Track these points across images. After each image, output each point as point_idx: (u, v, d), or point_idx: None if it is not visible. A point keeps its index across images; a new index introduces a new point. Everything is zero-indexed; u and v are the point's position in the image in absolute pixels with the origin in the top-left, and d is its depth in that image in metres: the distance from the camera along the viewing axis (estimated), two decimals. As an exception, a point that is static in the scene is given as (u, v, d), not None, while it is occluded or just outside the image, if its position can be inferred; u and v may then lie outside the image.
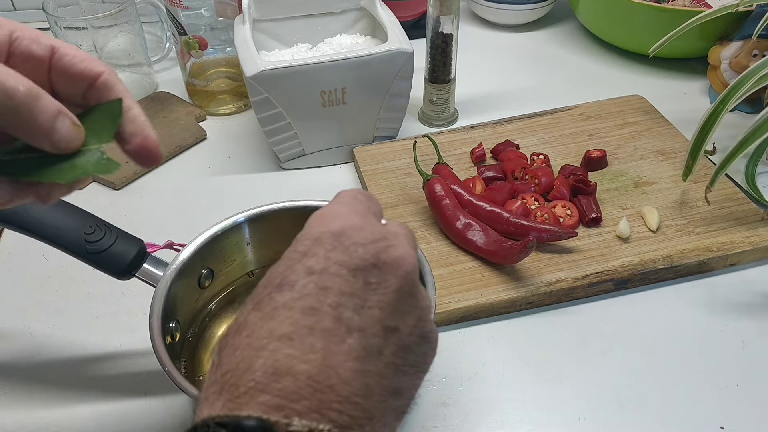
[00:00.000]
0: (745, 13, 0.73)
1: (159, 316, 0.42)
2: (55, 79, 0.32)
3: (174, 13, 0.70)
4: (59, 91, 0.33)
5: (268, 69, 0.60)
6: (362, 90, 0.64)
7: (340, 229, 0.28)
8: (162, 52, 0.83)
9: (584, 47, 0.89)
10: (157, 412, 0.47)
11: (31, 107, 0.29)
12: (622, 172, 0.65)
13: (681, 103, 0.77)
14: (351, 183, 0.67)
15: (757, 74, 0.56)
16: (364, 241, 0.28)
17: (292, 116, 0.64)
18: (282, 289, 0.26)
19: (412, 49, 0.63)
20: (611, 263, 0.55)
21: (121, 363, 0.51)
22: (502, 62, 0.87)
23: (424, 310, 0.29)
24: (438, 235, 0.59)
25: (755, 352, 0.51)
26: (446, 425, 0.46)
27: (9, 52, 0.31)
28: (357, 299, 0.26)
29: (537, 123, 0.72)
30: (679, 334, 0.52)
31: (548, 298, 0.54)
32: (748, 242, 0.57)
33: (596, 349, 0.51)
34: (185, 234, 0.49)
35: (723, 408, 0.47)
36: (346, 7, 0.71)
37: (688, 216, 0.60)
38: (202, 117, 0.76)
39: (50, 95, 0.30)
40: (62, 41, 0.33)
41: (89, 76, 0.32)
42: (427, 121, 0.75)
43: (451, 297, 0.53)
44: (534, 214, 0.59)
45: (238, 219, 0.49)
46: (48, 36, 0.32)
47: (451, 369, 0.50)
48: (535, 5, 0.89)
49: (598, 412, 0.47)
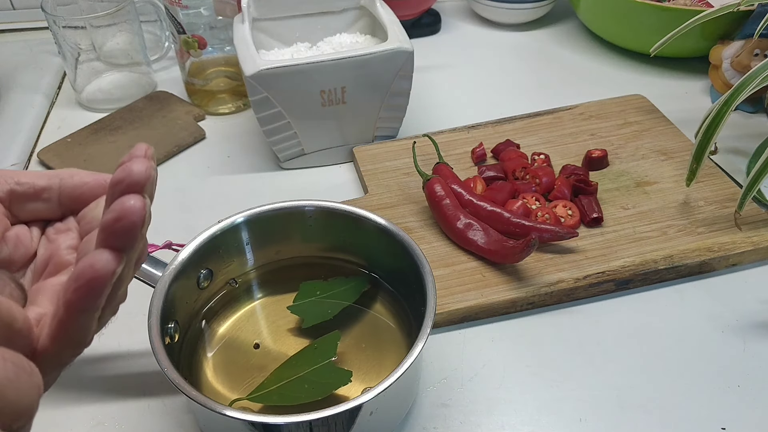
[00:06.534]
0: (747, 13, 0.72)
1: (158, 317, 0.42)
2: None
3: (173, 12, 0.70)
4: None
5: (268, 68, 0.59)
6: (362, 89, 0.64)
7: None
8: (161, 51, 0.83)
9: (585, 46, 0.89)
10: (156, 412, 0.47)
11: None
12: (624, 172, 0.65)
13: (682, 103, 0.77)
14: (351, 183, 0.67)
15: (761, 75, 0.56)
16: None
17: (291, 116, 0.64)
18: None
19: (412, 48, 0.63)
20: (612, 263, 0.55)
21: (119, 364, 0.51)
22: (503, 61, 0.87)
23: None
24: (438, 235, 0.58)
25: (756, 352, 0.51)
26: (446, 426, 0.46)
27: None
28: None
29: (538, 122, 0.72)
30: (681, 334, 0.52)
31: (549, 299, 0.54)
32: (749, 242, 0.57)
33: (597, 350, 0.51)
34: (184, 234, 0.49)
35: (724, 408, 0.47)
36: (346, 6, 0.71)
37: (690, 216, 0.60)
38: (201, 116, 0.76)
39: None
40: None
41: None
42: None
43: (452, 297, 0.53)
44: (535, 214, 0.59)
45: (237, 219, 0.48)
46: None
47: (451, 370, 0.50)
48: (535, 4, 0.89)
49: (599, 413, 0.47)
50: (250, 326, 0.49)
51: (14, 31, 0.93)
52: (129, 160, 0.27)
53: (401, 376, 0.38)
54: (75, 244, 0.33)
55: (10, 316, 0.24)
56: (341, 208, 0.49)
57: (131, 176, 0.26)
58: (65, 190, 0.33)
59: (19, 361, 0.23)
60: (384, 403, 0.40)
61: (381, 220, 0.48)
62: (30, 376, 0.24)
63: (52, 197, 0.33)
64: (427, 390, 0.48)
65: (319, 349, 0.45)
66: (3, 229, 0.32)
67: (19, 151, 0.71)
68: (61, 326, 0.26)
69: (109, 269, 0.25)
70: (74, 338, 0.27)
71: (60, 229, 0.34)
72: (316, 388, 0.43)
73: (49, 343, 0.27)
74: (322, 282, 0.50)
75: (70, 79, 0.78)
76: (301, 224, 0.50)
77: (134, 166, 0.26)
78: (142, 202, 0.26)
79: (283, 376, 0.44)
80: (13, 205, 0.33)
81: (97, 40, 0.75)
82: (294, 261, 0.52)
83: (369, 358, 0.47)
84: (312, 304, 0.49)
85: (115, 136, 0.72)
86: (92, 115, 0.76)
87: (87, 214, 0.33)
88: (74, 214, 0.34)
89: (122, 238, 0.25)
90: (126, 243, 0.26)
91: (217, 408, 0.37)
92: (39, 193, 0.33)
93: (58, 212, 0.34)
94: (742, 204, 0.54)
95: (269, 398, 0.43)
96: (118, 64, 0.79)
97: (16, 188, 0.32)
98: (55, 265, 0.32)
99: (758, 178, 0.53)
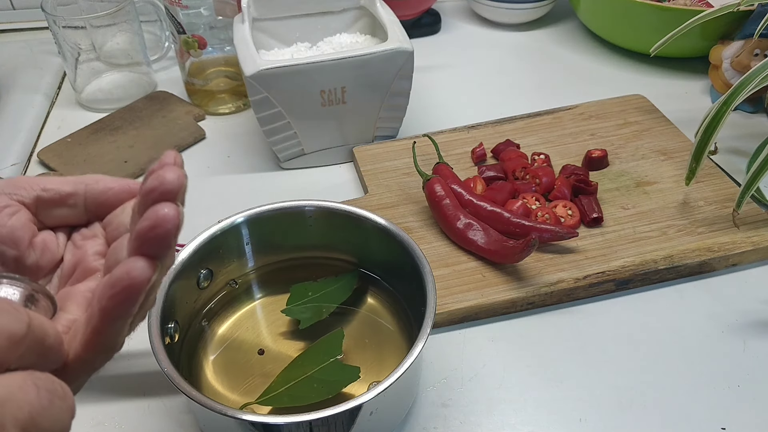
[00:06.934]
0: (747, 13, 0.72)
1: (158, 317, 0.42)
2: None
3: (173, 12, 0.70)
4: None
5: (268, 68, 0.59)
6: (362, 89, 0.64)
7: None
8: (161, 51, 0.83)
9: (585, 46, 0.89)
10: (156, 412, 0.47)
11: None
12: (624, 172, 0.65)
13: (682, 103, 0.77)
14: (351, 182, 0.67)
15: (761, 74, 0.56)
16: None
17: (291, 116, 0.64)
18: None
19: (412, 48, 0.63)
20: (612, 263, 0.55)
21: (120, 364, 0.51)
22: (503, 61, 0.87)
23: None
24: (438, 235, 0.58)
25: (756, 352, 0.51)
26: (446, 426, 0.46)
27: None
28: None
29: (538, 122, 0.72)
30: (681, 334, 0.52)
31: (549, 299, 0.54)
32: (749, 242, 0.57)
33: (597, 350, 0.51)
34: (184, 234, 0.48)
35: (724, 408, 0.47)
36: (346, 6, 0.71)
37: (690, 216, 0.60)
38: (201, 116, 0.76)
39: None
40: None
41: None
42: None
43: (452, 297, 0.53)
44: (535, 214, 0.59)
45: (237, 219, 0.48)
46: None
47: (451, 370, 0.50)
48: (535, 4, 0.89)
49: (599, 413, 0.47)
50: (250, 326, 0.49)
51: (14, 31, 0.93)
52: (160, 168, 0.27)
53: (401, 376, 0.38)
54: (102, 250, 0.33)
55: (43, 332, 0.24)
56: (341, 208, 0.49)
57: (164, 184, 0.26)
58: (90, 196, 0.33)
59: (52, 386, 0.24)
60: (384, 403, 0.40)
61: (381, 220, 0.48)
62: (63, 400, 0.24)
63: (78, 203, 0.33)
64: (427, 390, 0.48)
65: (324, 348, 0.45)
66: (31, 235, 0.32)
67: (19, 151, 0.71)
68: (95, 333, 0.27)
69: (145, 277, 0.26)
70: (107, 344, 0.27)
71: (86, 235, 0.34)
72: (326, 386, 0.43)
73: (81, 350, 0.27)
74: (312, 283, 0.50)
75: (70, 79, 0.78)
76: (301, 224, 0.50)
77: (167, 175, 0.26)
78: (176, 210, 0.26)
79: (290, 377, 0.44)
80: (40, 211, 0.33)
81: (97, 40, 0.75)
82: (294, 261, 0.52)
83: (372, 355, 0.47)
84: (305, 306, 0.49)
85: (115, 136, 0.72)
86: (92, 115, 0.76)
87: (113, 220, 0.33)
88: (99, 220, 0.34)
89: (157, 246, 0.26)
90: (160, 250, 0.26)
91: (217, 408, 0.37)
92: (65, 199, 0.33)
93: (83, 218, 0.34)
94: (740, 203, 0.54)
95: (279, 400, 0.43)
96: (118, 64, 0.79)
97: (43, 195, 0.33)
98: (83, 271, 0.32)
99: (756, 177, 0.53)
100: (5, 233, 0.31)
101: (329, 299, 0.49)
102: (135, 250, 0.26)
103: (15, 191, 0.32)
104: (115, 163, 0.68)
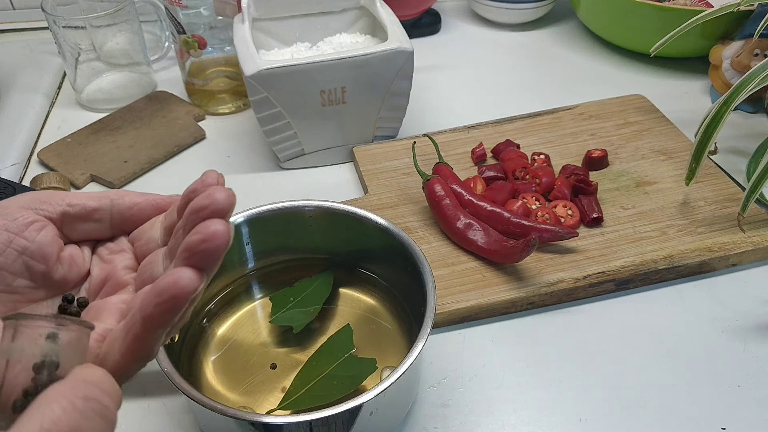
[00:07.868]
0: (747, 13, 0.73)
1: (158, 317, 0.42)
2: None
3: (173, 12, 0.70)
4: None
5: (268, 68, 0.59)
6: (362, 89, 0.64)
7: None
8: (161, 51, 0.83)
9: (585, 46, 0.89)
10: (156, 412, 0.47)
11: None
12: (624, 172, 0.65)
13: (682, 103, 0.77)
14: (351, 182, 0.67)
15: (761, 74, 0.56)
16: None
17: (291, 116, 0.64)
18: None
19: (412, 48, 0.63)
20: (612, 263, 0.55)
21: (119, 364, 0.51)
22: (503, 61, 0.87)
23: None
24: (438, 235, 0.58)
25: (757, 352, 0.51)
26: (446, 426, 0.46)
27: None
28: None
29: (538, 122, 0.72)
30: (681, 334, 0.52)
31: (549, 299, 0.54)
32: (749, 242, 0.57)
33: (597, 350, 0.51)
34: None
35: (724, 409, 0.47)
36: (346, 6, 0.71)
37: (690, 216, 0.60)
38: (201, 116, 0.76)
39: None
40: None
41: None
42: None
43: (452, 297, 0.53)
44: (535, 214, 0.59)
45: (237, 219, 0.48)
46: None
47: (451, 370, 0.50)
48: (535, 4, 0.89)
49: (599, 413, 0.47)
50: (250, 326, 0.49)
51: (14, 31, 0.93)
52: (204, 188, 0.28)
53: (401, 376, 0.38)
54: (131, 264, 0.33)
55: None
56: (341, 208, 0.49)
57: (215, 203, 0.27)
58: (116, 211, 0.34)
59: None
60: (384, 403, 0.40)
61: (381, 220, 0.48)
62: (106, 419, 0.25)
63: (104, 218, 0.34)
64: (427, 390, 0.48)
65: (336, 345, 0.46)
66: (58, 250, 0.32)
67: (19, 151, 0.71)
68: (135, 340, 0.27)
69: (192, 287, 0.26)
70: (145, 352, 0.28)
71: (113, 249, 0.34)
72: (345, 381, 0.43)
73: (120, 358, 0.28)
74: (289, 288, 0.50)
75: (70, 79, 0.78)
76: (301, 224, 0.50)
77: (217, 195, 0.28)
78: (226, 227, 0.27)
79: (308, 378, 0.44)
80: (65, 226, 0.33)
81: (97, 40, 0.75)
82: (294, 261, 0.52)
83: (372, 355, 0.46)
84: (291, 311, 0.49)
85: (115, 136, 0.72)
86: (92, 115, 0.76)
87: (142, 236, 0.34)
88: (125, 234, 0.35)
89: (206, 259, 0.27)
90: (208, 264, 0.27)
91: (217, 408, 0.37)
92: (91, 213, 0.33)
93: (108, 232, 0.34)
94: (745, 206, 0.54)
95: (301, 403, 0.43)
96: (118, 64, 0.79)
97: (68, 210, 0.33)
98: (114, 284, 0.33)
99: (761, 181, 0.53)
100: (34, 249, 0.31)
101: (311, 300, 0.49)
102: (183, 261, 0.27)
103: (41, 206, 0.32)
104: (115, 163, 0.68)
